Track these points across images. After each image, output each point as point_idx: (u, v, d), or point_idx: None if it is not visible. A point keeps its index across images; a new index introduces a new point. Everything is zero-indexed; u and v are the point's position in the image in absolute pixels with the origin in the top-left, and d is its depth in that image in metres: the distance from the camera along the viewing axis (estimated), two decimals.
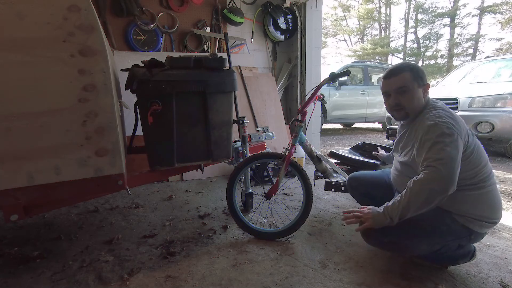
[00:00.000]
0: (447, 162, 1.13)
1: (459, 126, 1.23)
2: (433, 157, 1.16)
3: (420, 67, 1.42)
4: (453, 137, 1.17)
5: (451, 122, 1.22)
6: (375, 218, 1.25)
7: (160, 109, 1.55)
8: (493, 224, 1.30)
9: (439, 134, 1.19)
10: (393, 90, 1.40)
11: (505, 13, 16.19)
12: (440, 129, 1.20)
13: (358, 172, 1.85)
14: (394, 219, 1.20)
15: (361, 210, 1.32)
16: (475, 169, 1.26)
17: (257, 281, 1.37)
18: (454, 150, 1.15)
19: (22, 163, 1.20)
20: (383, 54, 19.43)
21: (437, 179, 1.13)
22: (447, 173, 1.12)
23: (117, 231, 1.89)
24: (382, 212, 1.25)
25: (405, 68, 1.38)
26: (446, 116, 1.24)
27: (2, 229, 1.95)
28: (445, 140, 1.17)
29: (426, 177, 1.16)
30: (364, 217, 1.29)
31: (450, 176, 1.12)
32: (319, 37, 3.96)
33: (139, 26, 3.17)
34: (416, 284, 1.34)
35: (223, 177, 3.17)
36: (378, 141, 5.64)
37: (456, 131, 1.19)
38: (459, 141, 1.18)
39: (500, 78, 4.48)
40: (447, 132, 1.18)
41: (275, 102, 3.71)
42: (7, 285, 1.36)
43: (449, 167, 1.13)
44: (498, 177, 3.21)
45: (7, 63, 1.13)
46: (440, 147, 1.16)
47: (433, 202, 1.15)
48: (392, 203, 1.24)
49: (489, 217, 1.27)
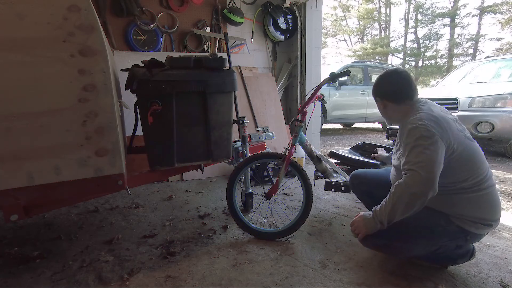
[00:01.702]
0: (426, 165, 1.14)
1: (441, 128, 1.21)
2: (412, 160, 1.18)
3: (378, 84, 1.46)
4: (432, 139, 1.17)
5: (431, 124, 1.21)
6: (367, 225, 1.28)
7: (160, 109, 1.55)
8: (489, 227, 1.29)
9: (418, 137, 1.19)
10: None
11: (505, 13, 16.19)
12: (419, 132, 1.20)
13: (360, 170, 1.85)
14: (384, 223, 1.22)
15: (354, 220, 1.35)
16: (467, 172, 1.24)
17: (257, 281, 1.37)
18: (434, 152, 1.15)
19: (22, 163, 1.20)
20: (383, 54, 19.42)
21: (417, 183, 1.14)
22: (426, 175, 1.13)
23: (117, 231, 1.89)
24: (372, 217, 1.27)
25: (372, 94, 1.50)
26: (427, 119, 1.23)
27: (2, 229, 1.95)
28: (424, 143, 1.17)
29: (406, 180, 1.17)
30: (357, 228, 1.32)
31: (429, 179, 1.13)
32: (319, 37, 3.97)
33: (139, 26, 3.17)
34: (416, 284, 1.34)
35: (223, 177, 3.17)
36: (378, 141, 5.64)
37: (436, 132, 1.19)
38: (439, 142, 1.17)
39: (500, 78, 4.48)
40: (425, 134, 1.18)
41: (275, 102, 3.71)
42: (7, 285, 1.36)
43: (429, 170, 1.13)
44: (498, 177, 3.21)
45: (7, 63, 1.13)
46: (419, 150, 1.17)
47: (415, 206, 1.16)
48: (379, 207, 1.26)
49: (485, 219, 1.26)
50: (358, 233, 1.31)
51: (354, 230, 1.34)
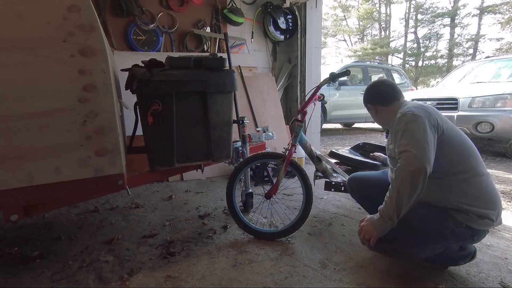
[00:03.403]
0: (417, 143, 1.19)
1: (427, 111, 1.29)
2: (404, 143, 1.23)
3: (367, 93, 1.60)
4: (420, 120, 1.24)
5: (417, 109, 1.29)
6: (377, 227, 1.23)
7: (160, 109, 1.55)
8: (492, 221, 1.28)
9: (406, 121, 1.27)
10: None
11: (505, 13, 16.18)
12: (407, 117, 1.28)
13: (358, 173, 1.84)
14: (393, 218, 1.19)
15: (361, 226, 1.31)
16: (460, 155, 1.29)
17: (257, 281, 1.37)
18: (423, 131, 1.21)
19: (22, 163, 1.20)
20: (383, 54, 19.41)
21: (411, 161, 1.17)
22: (419, 152, 1.17)
23: (117, 231, 1.89)
24: (379, 217, 1.23)
25: (363, 99, 1.63)
26: (412, 107, 1.33)
27: (2, 229, 1.95)
28: (413, 126, 1.24)
29: (403, 162, 1.20)
30: (367, 233, 1.26)
31: (423, 154, 1.16)
32: (319, 37, 3.97)
33: (139, 26, 3.17)
34: (416, 284, 1.34)
35: (223, 177, 3.17)
36: (378, 141, 5.64)
37: (424, 115, 1.26)
38: (427, 123, 1.24)
39: (500, 78, 4.48)
40: (412, 118, 1.26)
41: (275, 102, 3.71)
42: (7, 285, 1.36)
43: (420, 146, 1.18)
44: (498, 177, 3.21)
45: (7, 63, 1.13)
46: (410, 133, 1.23)
47: (418, 185, 1.16)
48: (384, 203, 1.24)
49: (485, 206, 1.25)
50: (369, 238, 1.25)
51: (363, 236, 1.27)
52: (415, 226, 1.23)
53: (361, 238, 1.30)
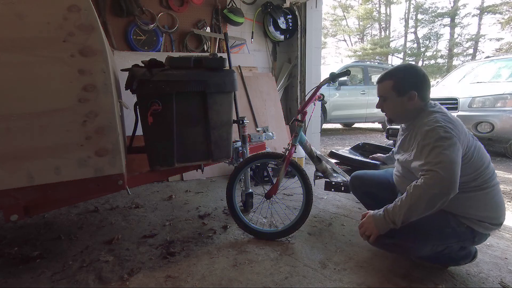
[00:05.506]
0: (446, 166, 1.13)
1: (458, 129, 1.23)
2: (432, 161, 1.16)
3: (408, 75, 1.37)
4: (451, 140, 1.17)
5: (449, 126, 1.22)
6: (379, 225, 1.24)
7: (160, 109, 1.55)
8: (497, 226, 1.30)
9: (437, 138, 1.19)
10: (378, 96, 1.47)
11: (505, 13, 16.20)
12: (438, 134, 1.20)
13: (361, 171, 1.84)
14: (397, 223, 1.20)
15: (362, 222, 1.31)
16: (477, 171, 1.26)
17: (257, 281, 1.37)
18: (453, 153, 1.15)
19: (22, 163, 1.20)
20: (383, 54, 19.42)
21: (437, 183, 1.13)
22: (447, 176, 1.12)
23: (117, 231, 1.89)
24: (383, 217, 1.24)
25: (388, 77, 1.41)
26: (443, 120, 1.24)
27: (2, 229, 1.95)
28: (443, 144, 1.17)
29: (426, 181, 1.15)
30: (368, 229, 1.27)
31: (450, 178, 1.12)
32: (319, 37, 3.96)
33: (139, 26, 3.17)
34: (416, 284, 1.34)
35: (223, 177, 3.17)
36: (378, 141, 5.64)
37: (454, 134, 1.19)
38: (458, 144, 1.18)
39: (500, 78, 4.48)
40: (444, 136, 1.18)
41: (275, 102, 3.71)
42: (7, 285, 1.36)
43: (449, 170, 1.13)
44: (498, 177, 3.17)
45: (7, 63, 1.13)
46: (439, 151, 1.16)
47: (435, 206, 1.15)
48: (392, 207, 1.23)
49: (493, 217, 1.28)
50: (369, 234, 1.27)
51: (364, 232, 1.29)
52: (417, 222, 1.22)
53: (361, 233, 1.31)
